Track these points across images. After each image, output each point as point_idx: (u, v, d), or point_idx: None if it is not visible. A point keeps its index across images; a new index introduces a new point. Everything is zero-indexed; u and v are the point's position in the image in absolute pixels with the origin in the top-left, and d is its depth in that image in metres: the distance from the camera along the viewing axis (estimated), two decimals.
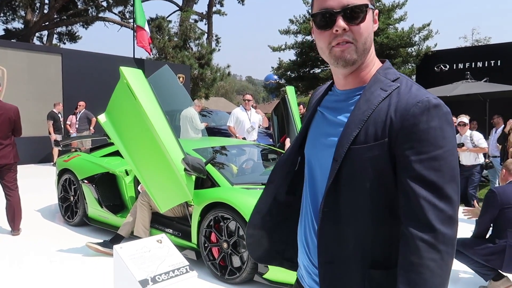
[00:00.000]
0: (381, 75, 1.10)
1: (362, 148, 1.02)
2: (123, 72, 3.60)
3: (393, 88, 1.05)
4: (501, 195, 3.26)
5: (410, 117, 0.98)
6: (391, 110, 1.01)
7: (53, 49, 14.65)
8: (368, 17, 1.06)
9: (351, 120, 1.06)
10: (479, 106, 8.90)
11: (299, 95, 22.53)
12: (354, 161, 1.03)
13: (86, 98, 11.15)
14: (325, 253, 1.08)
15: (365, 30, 1.06)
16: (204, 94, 20.32)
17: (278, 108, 6.32)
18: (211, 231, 3.66)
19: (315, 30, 1.11)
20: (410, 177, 0.98)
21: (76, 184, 5.02)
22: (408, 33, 17.62)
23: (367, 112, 1.04)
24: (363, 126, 1.03)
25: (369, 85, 1.09)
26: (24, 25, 20.38)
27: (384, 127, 1.01)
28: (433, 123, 0.97)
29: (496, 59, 13.01)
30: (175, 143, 3.66)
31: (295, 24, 20.05)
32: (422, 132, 0.97)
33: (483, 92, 8.30)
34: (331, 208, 1.07)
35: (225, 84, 45.06)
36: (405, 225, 0.98)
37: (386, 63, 1.15)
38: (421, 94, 1.01)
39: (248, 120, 7.23)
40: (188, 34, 20.41)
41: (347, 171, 1.04)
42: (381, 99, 1.04)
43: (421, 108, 0.98)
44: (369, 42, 1.08)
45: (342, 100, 1.15)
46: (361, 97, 1.08)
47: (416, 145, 0.97)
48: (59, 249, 4.28)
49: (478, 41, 30.31)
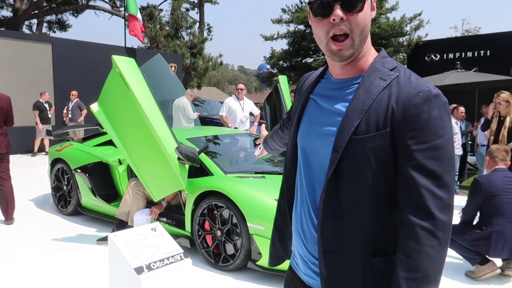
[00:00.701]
0: (379, 64, 1.09)
1: (364, 138, 1.02)
2: (116, 61, 3.59)
3: (392, 78, 1.05)
4: (485, 184, 3.33)
5: (412, 106, 0.99)
6: (392, 100, 1.01)
7: (43, 38, 14.45)
8: (366, 6, 1.04)
9: (351, 109, 1.05)
10: (469, 96, 9.00)
11: (291, 84, 22.49)
12: (356, 151, 1.03)
13: (77, 87, 11.05)
14: (326, 243, 1.09)
15: (363, 20, 1.04)
16: (196, 83, 20.23)
17: (270, 97, 6.34)
18: (204, 219, 3.70)
19: (312, 18, 1.09)
20: (411, 166, 0.99)
21: (69, 173, 5.03)
22: (400, 23, 17.65)
23: (368, 101, 1.03)
24: (364, 116, 1.03)
25: (367, 74, 1.08)
26: (13, 13, 20.01)
27: (386, 117, 1.01)
28: (434, 112, 0.99)
29: (485, 49, 13.12)
30: (168, 132, 3.67)
31: (287, 14, 19.95)
32: (424, 122, 0.98)
33: (472, 82, 8.39)
34: (332, 198, 1.07)
35: (217, 74, 44.85)
36: (405, 212, 1.00)
37: (382, 51, 1.14)
38: (421, 84, 1.02)
39: (241, 109, 7.20)
40: (179, 23, 20.24)
41: (348, 161, 1.04)
42: (381, 89, 1.04)
43: (423, 98, 0.99)
44: (366, 32, 1.06)
45: (338, 89, 1.14)
46: (360, 86, 1.07)
47: (418, 135, 0.98)
48: (53, 238, 4.31)
49: (468, 31, 30.44)
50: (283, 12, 20.06)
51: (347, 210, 1.06)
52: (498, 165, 3.49)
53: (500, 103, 5.22)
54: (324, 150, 1.10)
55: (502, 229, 3.22)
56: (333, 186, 1.06)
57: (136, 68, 3.73)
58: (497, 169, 3.48)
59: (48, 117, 10.50)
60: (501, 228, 3.22)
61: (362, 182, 1.04)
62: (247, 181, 3.68)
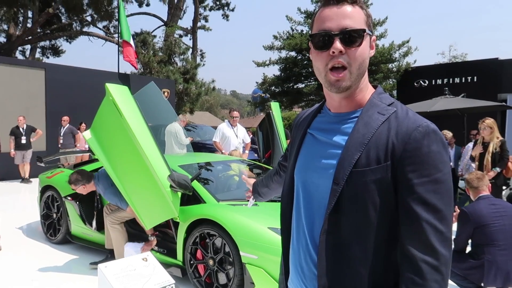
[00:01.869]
0: (377, 99, 1.13)
1: (365, 171, 1.03)
2: (109, 89, 3.61)
3: (390, 112, 1.08)
4: (473, 215, 3.30)
5: (412, 141, 1.01)
6: (391, 134, 1.04)
7: (36, 64, 14.51)
8: (365, 42, 1.09)
9: (351, 143, 1.07)
10: (457, 121, 9.14)
11: (283, 110, 22.73)
12: (357, 184, 1.04)
13: (70, 113, 11.04)
14: (325, 278, 1.08)
15: (361, 55, 1.08)
16: (189, 108, 20.31)
17: (263, 123, 6.40)
18: (197, 248, 3.65)
19: (312, 51, 1.13)
20: (413, 200, 1.00)
21: (59, 201, 4.96)
22: (389, 50, 18.09)
23: (367, 135, 1.06)
24: (364, 149, 1.05)
25: (366, 108, 1.11)
26: (7, 39, 20.14)
27: (386, 151, 1.03)
28: (433, 147, 1.02)
29: (472, 75, 13.44)
30: (161, 160, 3.67)
31: (279, 40, 20.36)
32: (424, 156, 1.01)
33: (461, 108, 8.55)
34: (332, 231, 1.07)
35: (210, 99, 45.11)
36: (407, 245, 1.00)
37: (378, 88, 1.18)
38: (419, 119, 1.05)
39: (234, 136, 7.11)
40: (173, 49, 20.48)
41: (348, 194, 1.05)
42: (380, 123, 1.06)
43: (422, 133, 1.02)
44: (363, 67, 1.10)
45: (336, 122, 1.16)
46: (359, 120, 1.10)
47: (419, 168, 1.00)
48: (41, 268, 4.21)
49: (456, 57, 31.21)
50: (275, 39, 20.49)
51: (347, 244, 1.06)
52: (481, 193, 3.51)
53: (485, 128, 5.39)
54: (323, 183, 1.10)
55: (493, 258, 3.21)
56: (334, 219, 1.07)
57: (130, 96, 3.75)
58: (481, 197, 3.48)
59: (21, 143, 10.01)
60: (492, 257, 3.21)
61: (363, 215, 1.04)
62: (240, 209, 3.66)
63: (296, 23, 20.21)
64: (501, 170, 5.43)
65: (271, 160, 6.29)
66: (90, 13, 20.49)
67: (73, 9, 19.59)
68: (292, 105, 21.77)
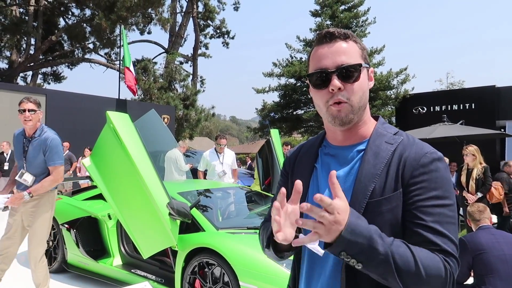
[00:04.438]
0: (382, 129, 1.15)
1: (380, 201, 1.04)
2: (110, 117, 3.64)
3: (398, 141, 1.11)
4: (471, 243, 3.29)
5: (420, 166, 1.04)
6: (401, 162, 1.06)
7: (37, 90, 14.65)
8: (362, 76, 1.10)
9: (363, 174, 1.08)
10: (456, 148, 9.17)
11: (282, 136, 22.80)
12: (373, 215, 1.03)
13: (70, 139, 11.06)
14: None
15: (359, 89, 1.09)
16: (189, 134, 20.41)
17: (262, 150, 6.40)
18: (195, 277, 3.58)
19: (311, 89, 1.14)
20: (419, 224, 1.02)
21: (56, 228, 4.89)
22: (387, 77, 18.34)
23: (379, 165, 1.07)
24: (377, 180, 1.06)
25: (373, 139, 1.13)
26: (9, 65, 20.41)
27: (397, 178, 1.05)
28: (440, 172, 1.05)
29: (470, 102, 13.57)
30: (160, 187, 3.64)
31: (279, 67, 20.67)
32: (431, 181, 1.03)
33: (459, 135, 8.59)
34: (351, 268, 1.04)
35: (209, 124, 45.36)
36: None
37: (380, 118, 1.21)
38: (427, 146, 1.09)
39: (219, 164, 6.64)
40: (173, 75, 20.76)
41: None
42: (391, 152, 1.09)
43: (430, 158, 1.05)
44: (364, 99, 1.12)
45: (342, 155, 1.16)
46: (368, 151, 1.11)
47: (426, 193, 1.03)
48: None
49: (453, 84, 31.60)
50: (274, 66, 20.80)
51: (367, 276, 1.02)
52: (481, 223, 3.50)
53: (467, 155, 5.69)
54: None
55: None
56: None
57: (130, 124, 3.77)
58: (482, 227, 3.47)
59: (4, 169, 9.81)
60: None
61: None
62: (239, 237, 3.61)
63: (295, 50, 20.58)
64: (483, 195, 5.69)
65: (271, 187, 6.26)
66: (92, 41, 20.84)
67: (75, 37, 19.94)
68: (291, 131, 21.89)
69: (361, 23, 19.94)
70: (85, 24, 19.87)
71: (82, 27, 19.75)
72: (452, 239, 1.01)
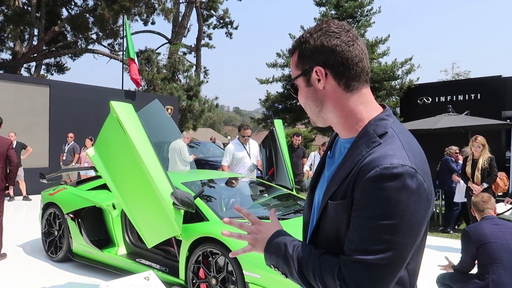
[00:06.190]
0: (371, 128, 1.06)
1: (335, 205, 1.04)
2: (113, 106, 3.63)
3: (375, 146, 1.01)
4: (474, 233, 3.32)
5: (365, 180, 0.96)
6: (359, 170, 0.99)
7: (41, 81, 14.66)
8: (301, 86, 1.13)
9: (335, 175, 1.08)
10: (461, 138, 9.11)
11: (286, 127, 22.76)
12: (331, 215, 1.06)
13: (73, 129, 11.08)
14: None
15: (302, 99, 1.15)
16: (192, 125, 20.41)
17: (266, 141, 6.37)
18: (199, 266, 3.60)
19: None
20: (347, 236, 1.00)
21: (61, 218, 4.93)
22: (391, 67, 18.18)
23: (347, 169, 1.03)
24: (340, 183, 1.03)
25: (357, 138, 1.07)
26: (12, 56, 20.42)
27: (348, 187, 1.01)
28: (385, 192, 0.93)
29: (476, 93, 13.44)
30: (164, 177, 3.65)
31: (282, 58, 20.52)
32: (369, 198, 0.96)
33: (465, 126, 8.52)
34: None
35: (213, 115, 45.34)
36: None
37: (385, 111, 1.11)
38: (388, 160, 0.95)
39: (248, 156, 6.20)
40: (176, 66, 20.70)
41: (324, 223, 1.09)
42: (361, 157, 1.01)
43: (377, 174, 0.94)
44: (313, 106, 1.12)
45: (340, 148, 1.17)
46: (348, 151, 1.08)
47: (360, 209, 0.98)
48: (41, 287, 4.15)
49: (458, 75, 31.39)
50: (278, 57, 20.64)
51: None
52: (486, 214, 3.51)
53: (479, 146, 5.68)
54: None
55: (499, 278, 3.16)
56: (314, 239, 1.13)
57: (134, 113, 3.76)
58: (486, 217, 3.49)
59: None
60: (497, 277, 3.16)
61: (335, 247, 1.05)
62: None
63: None
64: (489, 186, 5.68)
65: (274, 177, 6.22)
66: (95, 31, 20.79)
67: (78, 28, 19.89)
68: (295, 122, 21.82)
69: (366, 13, 19.74)
70: (88, 15, 19.81)
71: (85, 18, 19.70)
72: (372, 256, 0.94)
